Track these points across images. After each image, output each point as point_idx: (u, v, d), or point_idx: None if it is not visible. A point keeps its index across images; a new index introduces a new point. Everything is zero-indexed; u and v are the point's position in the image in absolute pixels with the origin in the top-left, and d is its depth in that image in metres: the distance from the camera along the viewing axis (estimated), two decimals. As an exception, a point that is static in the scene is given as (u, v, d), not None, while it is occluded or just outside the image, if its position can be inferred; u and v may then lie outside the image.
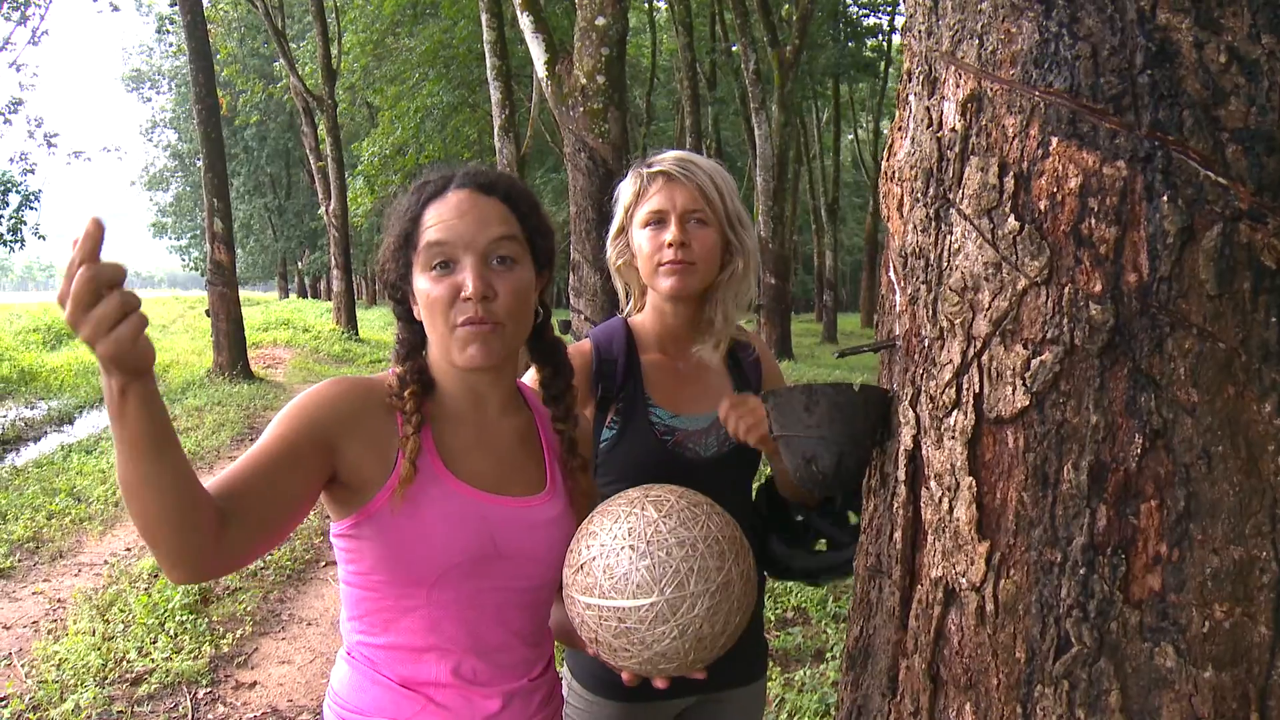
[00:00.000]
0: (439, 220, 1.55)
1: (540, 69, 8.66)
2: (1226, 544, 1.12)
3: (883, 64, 28.93)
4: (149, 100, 54.77)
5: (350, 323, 24.80)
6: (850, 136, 37.75)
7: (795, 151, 29.96)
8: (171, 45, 39.41)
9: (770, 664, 4.69)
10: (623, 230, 2.09)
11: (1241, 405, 1.12)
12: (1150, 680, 1.15)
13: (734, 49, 23.98)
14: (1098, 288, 1.15)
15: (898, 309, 1.46)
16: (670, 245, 1.97)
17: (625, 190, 2.07)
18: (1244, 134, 1.11)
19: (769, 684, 4.43)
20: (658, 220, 2.00)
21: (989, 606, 1.24)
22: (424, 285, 1.55)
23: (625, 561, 1.42)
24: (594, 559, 1.45)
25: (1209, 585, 1.13)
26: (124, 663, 4.67)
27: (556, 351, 1.75)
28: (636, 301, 2.16)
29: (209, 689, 4.48)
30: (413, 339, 1.66)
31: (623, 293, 2.19)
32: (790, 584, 5.78)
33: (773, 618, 5.30)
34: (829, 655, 4.80)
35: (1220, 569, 1.12)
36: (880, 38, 27.77)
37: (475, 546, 1.52)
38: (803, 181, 35.35)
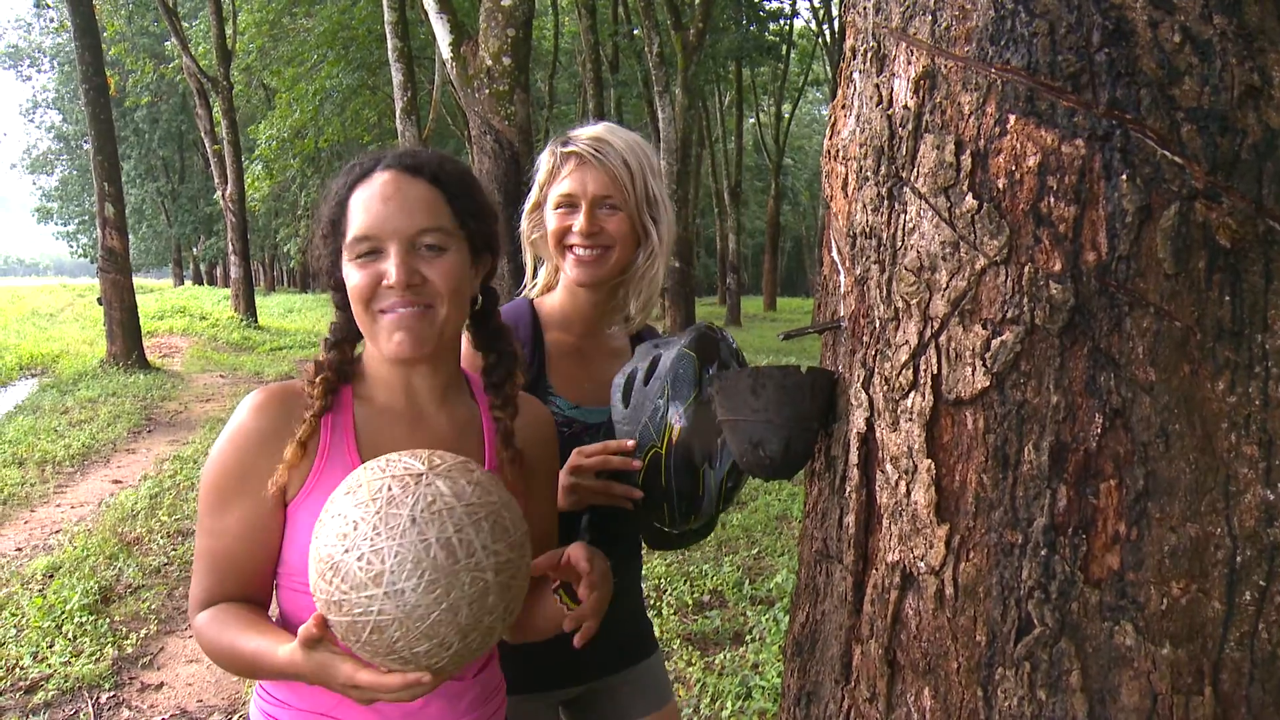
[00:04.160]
0: (364, 208, 1.49)
1: (445, 50, 8.53)
2: (1183, 521, 1.12)
3: (785, 48, 29.13)
4: (28, 79, 52.64)
5: (249, 310, 24.18)
6: (752, 120, 37.92)
7: (698, 135, 30.07)
8: (53, 21, 37.83)
9: (689, 648, 4.70)
10: (538, 206, 2.05)
11: (1196, 383, 1.12)
12: (1110, 659, 1.15)
13: (636, 32, 23.92)
14: (1058, 267, 1.14)
15: (842, 290, 1.44)
16: (579, 233, 1.93)
17: (541, 165, 2.03)
18: (1198, 113, 1.11)
19: (689, 669, 4.46)
20: (568, 204, 1.96)
21: (948, 590, 1.23)
22: (349, 273, 1.50)
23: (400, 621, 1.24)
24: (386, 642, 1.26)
25: (1166, 563, 1.13)
26: (17, 669, 4.46)
27: (500, 338, 1.68)
28: (549, 278, 2.11)
29: (112, 693, 4.31)
30: (347, 328, 1.61)
31: (530, 266, 2.14)
32: (706, 569, 5.82)
33: (690, 601, 5.31)
34: (748, 638, 4.82)
35: (1177, 546, 1.13)
36: (782, 22, 27.95)
37: None
38: (705, 165, 35.53)
